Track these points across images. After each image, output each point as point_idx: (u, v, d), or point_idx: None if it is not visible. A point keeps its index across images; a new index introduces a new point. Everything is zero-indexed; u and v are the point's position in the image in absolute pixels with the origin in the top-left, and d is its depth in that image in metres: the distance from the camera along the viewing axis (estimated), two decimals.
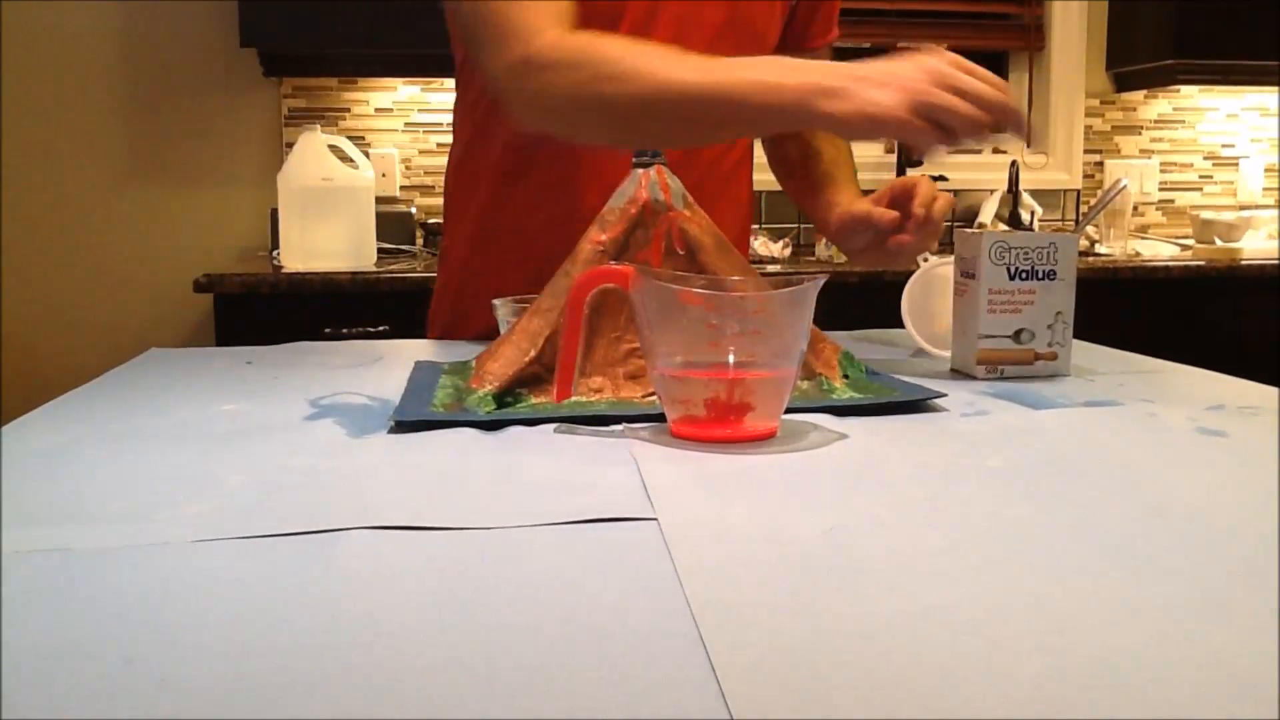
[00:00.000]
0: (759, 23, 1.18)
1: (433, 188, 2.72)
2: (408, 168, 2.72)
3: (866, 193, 1.17)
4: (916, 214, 1.05)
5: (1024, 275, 0.92)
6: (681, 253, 0.83)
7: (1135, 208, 2.98)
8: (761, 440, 0.70)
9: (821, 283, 0.70)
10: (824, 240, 2.55)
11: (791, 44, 1.26)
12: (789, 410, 0.77)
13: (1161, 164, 3.01)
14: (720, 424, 0.70)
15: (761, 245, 2.47)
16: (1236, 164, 3.04)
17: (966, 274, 0.94)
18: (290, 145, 2.51)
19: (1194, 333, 2.42)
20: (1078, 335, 0.98)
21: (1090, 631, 0.40)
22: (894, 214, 1.05)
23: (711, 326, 0.68)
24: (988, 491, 0.59)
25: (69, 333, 2.62)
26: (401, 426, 0.74)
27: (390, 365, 1.01)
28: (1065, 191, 2.96)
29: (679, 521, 0.54)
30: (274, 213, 2.33)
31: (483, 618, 0.42)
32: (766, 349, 0.69)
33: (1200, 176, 3.04)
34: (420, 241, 2.58)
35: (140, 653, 0.39)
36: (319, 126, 2.30)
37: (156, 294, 2.64)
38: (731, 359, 0.69)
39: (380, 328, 2.11)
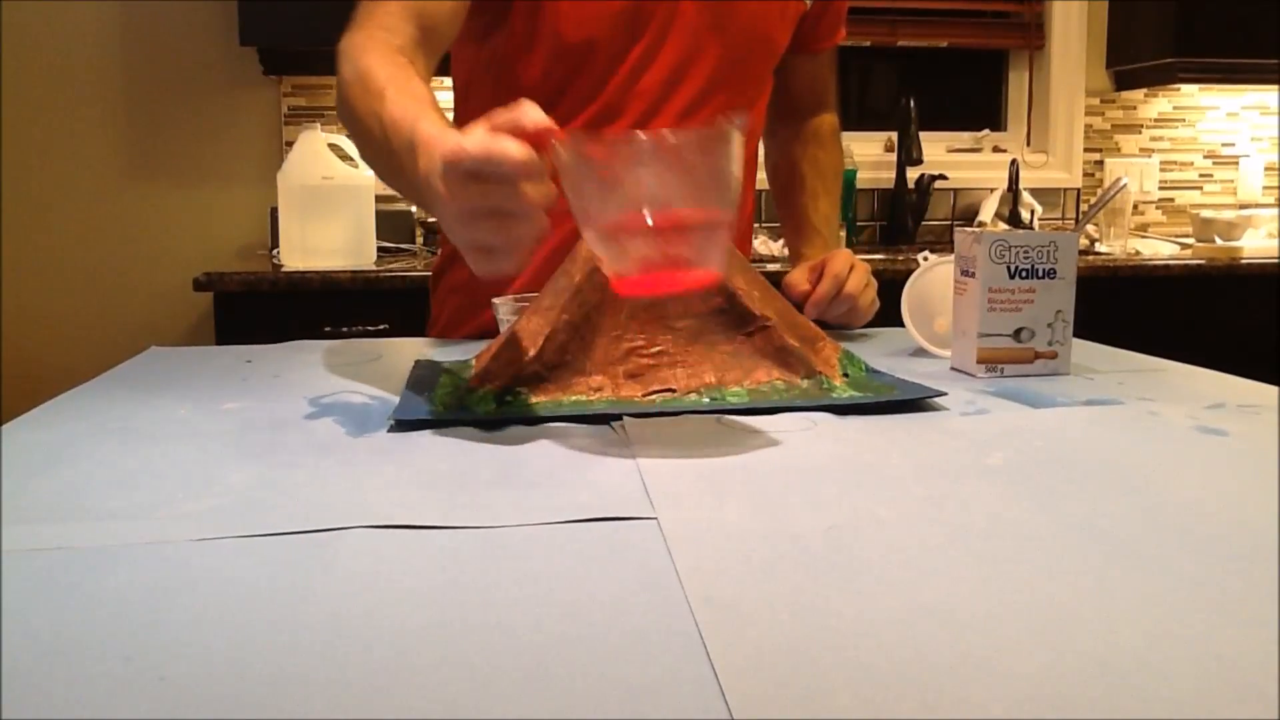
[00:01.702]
0: (772, 28, 1.19)
1: None
2: None
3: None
4: (819, 291, 1.13)
5: (1024, 274, 0.92)
6: None
7: (1135, 206, 2.98)
8: (702, 288, 0.67)
9: (741, 122, 0.67)
10: None
11: (800, 47, 1.27)
12: (789, 409, 0.77)
13: (1161, 163, 3.00)
14: (658, 274, 0.67)
15: (761, 244, 2.47)
16: (1236, 163, 3.04)
17: (966, 273, 0.94)
18: (290, 144, 2.50)
19: (1194, 331, 2.41)
20: (1078, 334, 0.98)
21: (1090, 631, 0.40)
22: (803, 289, 1.15)
23: (628, 176, 0.65)
24: (988, 490, 0.59)
25: (69, 331, 2.62)
26: (401, 425, 0.74)
27: (390, 364, 1.01)
28: (1065, 190, 2.96)
29: (679, 520, 0.54)
30: (274, 211, 2.33)
31: (482, 617, 0.42)
32: (687, 193, 0.67)
33: (1200, 175, 3.04)
34: (420, 240, 2.58)
35: (139, 651, 0.39)
36: (319, 125, 2.29)
37: (156, 292, 2.64)
38: (655, 206, 0.65)
39: (380, 326, 2.11)
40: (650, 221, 0.65)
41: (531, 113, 0.66)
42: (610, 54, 1.11)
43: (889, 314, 1.13)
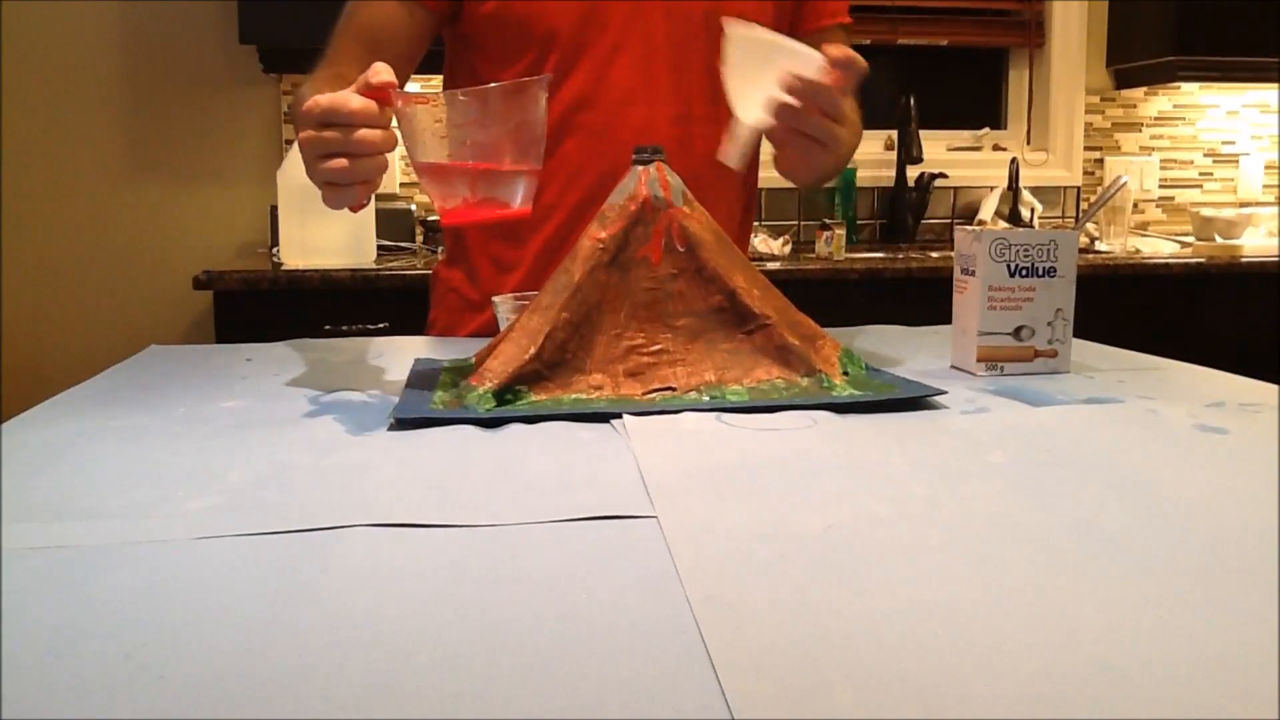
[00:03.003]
0: (746, 13, 1.18)
1: None
2: (407, 164, 2.72)
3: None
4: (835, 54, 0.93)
5: (1024, 272, 0.92)
6: (681, 249, 0.83)
7: (1135, 205, 2.98)
8: (515, 219, 0.78)
9: (546, 80, 0.77)
10: (824, 238, 2.55)
11: (799, 24, 1.25)
12: (789, 407, 0.78)
13: (1162, 161, 3.00)
14: (475, 209, 0.77)
15: (761, 242, 2.47)
16: (1236, 161, 3.04)
17: (966, 271, 0.94)
18: (290, 142, 2.50)
19: (1194, 330, 2.41)
20: (1078, 332, 0.98)
21: (1090, 630, 0.40)
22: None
23: (450, 124, 0.75)
24: (987, 489, 0.59)
25: (69, 329, 2.62)
26: (401, 424, 0.74)
27: (390, 362, 1.01)
28: (1065, 188, 2.96)
29: (679, 519, 0.54)
30: (274, 209, 2.33)
31: (482, 615, 0.42)
32: (499, 140, 0.76)
33: (1200, 173, 3.04)
34: (420, 239, 2.58)
35: (139, 649, 0.39)
36: None
37: (156, 291, 2.64)
38: (473, 151, 0.76)
39: (380, 325, 2.11)
40: (471, 164, 0.77)
41: (382, 72, 0.75)
42: (575, 45, 1.12)
43: (890, 312, 1.13)
